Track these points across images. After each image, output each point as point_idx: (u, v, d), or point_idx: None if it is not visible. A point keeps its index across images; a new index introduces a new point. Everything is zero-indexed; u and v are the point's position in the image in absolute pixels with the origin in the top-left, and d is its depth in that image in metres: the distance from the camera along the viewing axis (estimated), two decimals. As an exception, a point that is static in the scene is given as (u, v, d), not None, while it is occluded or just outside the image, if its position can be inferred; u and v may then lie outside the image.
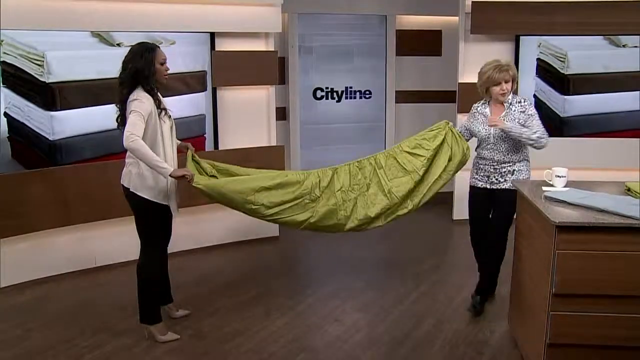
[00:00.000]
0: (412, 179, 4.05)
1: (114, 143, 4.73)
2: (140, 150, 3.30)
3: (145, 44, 3.53)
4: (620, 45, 5.82)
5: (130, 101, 3.39)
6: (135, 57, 3.44)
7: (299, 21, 6.44)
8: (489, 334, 3.82)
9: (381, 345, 3.69)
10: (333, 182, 4.03)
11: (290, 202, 3.91)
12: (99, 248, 4.92)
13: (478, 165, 4.14)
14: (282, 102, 6.41)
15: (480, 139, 4.08)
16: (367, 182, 4.08)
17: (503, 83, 3.91)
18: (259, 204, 3.82)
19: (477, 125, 4.08)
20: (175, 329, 3.84)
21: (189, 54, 5.03)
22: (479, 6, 5.69)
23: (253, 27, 5.20)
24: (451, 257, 5.41)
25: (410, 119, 6.98)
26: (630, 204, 3.05)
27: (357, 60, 6.78)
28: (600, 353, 3.05)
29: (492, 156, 4.02)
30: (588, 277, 2.93)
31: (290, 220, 3.95)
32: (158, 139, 3.49)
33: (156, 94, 3.50)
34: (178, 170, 3.45)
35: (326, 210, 3.97)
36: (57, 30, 4.39)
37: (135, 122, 3.31)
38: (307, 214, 3.95)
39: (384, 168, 4.09)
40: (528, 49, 5.91)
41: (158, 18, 4.76)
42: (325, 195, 4.00)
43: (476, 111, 4.13)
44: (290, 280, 4.75)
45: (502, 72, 3.90)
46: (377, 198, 4.05)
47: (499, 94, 3.94)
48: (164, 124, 3.54)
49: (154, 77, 3.47)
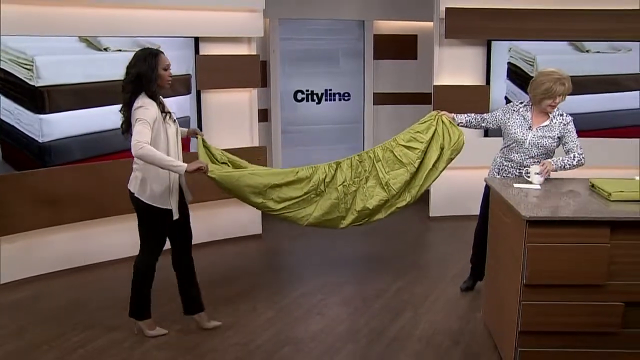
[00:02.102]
0: (408, 170, 4.13)
1: (102, 145, 4.88)
2: (149, 155, 3.31)
3: (149, 49, 3.55)
4: (584, 51, 6.12)
5: (135, 109, 3.41)
6: (138, 62, 3.44)
7: (280, 26, 6.58)
8: (464, 324, 4.01)
9: (362, 337, 3.85)
10: (336, 177, 4.13)
11: (299, 198, 4.03)
12: (89, 247, 5.01)
13: (502, 166, 4.11)
14: (264, 104, 6.55)
15: (512, 140, 4.02)
16: (366, 175, 4.16)
17: (557, 97, 3.84)
18: (268, 198, 3.93)
19: (514, 126, 4.00)
20: (164, 324, 3.94)
21: (174, 58, 5.03)
22: (453, 12, 5.90)
23: (236, 32, 5.34)
24: (428, 253, 5.61)
25: (388, 120, 7.17)
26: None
27: (336, 64, 6.96)
28: (566, 338, 3.26)
29: (521, 160, 4.01)
30: (555, 269, 3.13)
31: (295, 214, 4.05)
32: (163, 143, 3.50)
33: (159, 98, 3.53)
34: (192, 164, 3.44)
35: (329, 204, 4.09)
36: (46, 36, 4.50)
37: (142, 131, 3.33)
38: (311, 208, 4.07)
39: (382, 161, 4.16)
40: (499, 53, 6.15)
41: (144, 23, 4.88)
42: (329, 189, 4.11)
43: (516, 110, 4.05)
44: (274, 277, 4.89)
45: (563, 85, 3.81)
46: (375, 190, 4.15)
47: (548, 106, 3.88)
48: (169, 127, 3.56)
49: (156, 82, 3.47)
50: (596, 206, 3.26)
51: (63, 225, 4.79)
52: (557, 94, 3.82)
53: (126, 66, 3.51)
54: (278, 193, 3.97)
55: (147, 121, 3.36)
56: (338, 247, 5.58)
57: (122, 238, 5.12)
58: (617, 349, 3.27)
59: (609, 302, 3.18)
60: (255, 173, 3.93)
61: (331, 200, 4.11)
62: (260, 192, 3.91)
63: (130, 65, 3.48)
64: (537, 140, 3.94)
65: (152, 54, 3.49)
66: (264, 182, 3.92)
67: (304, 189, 4.04)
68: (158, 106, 3.49)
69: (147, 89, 3.45)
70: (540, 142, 3.93)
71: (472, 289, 4.46)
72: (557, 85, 3.81)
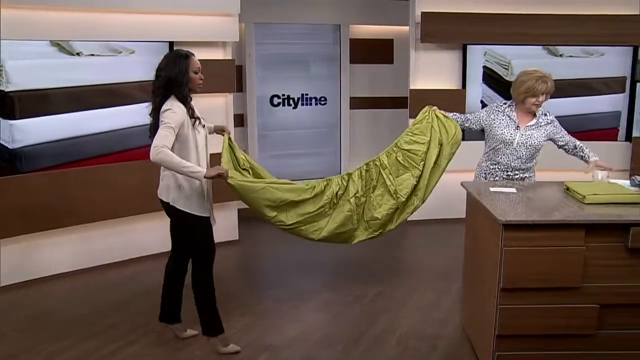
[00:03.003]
0: (413, 175, 4.02)
1: (74, 151, 4.80)
2: (167, 160, 3.18)
3: (180, 51, 3.44)
4: (558, 55, 6.19)
5: (162, 111, 3.29)
6: (169, 65, 3.34)
7: (256, 30, 6.56)
8: (442, 329, 4.00)
9: (339, 344, 3.82)
10: (348, 189, 4.03)
11: (313, 213, 3.93)
12: (61, 255, 4.93)
13: (489, 170, 4.07)
14: (240, 109, 6.51)
15: (498, 141, 3.99)
16: (374, 184, 4.06)
17: (540, 95, 3.85)
18: (282, 212, 3.84)
19: (501, 127, 3.97)
20: (138, 332, 3.90)
21: (148, 63, 5.05)
22: (429, 17, 5.93)
23: (211, 36, 5.31)
24: (405, 257, 5.61)
25: (364, 124, 7.18)
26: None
27: (312, 68, 6.94)
28: (542, 342, 3.27)
29: (509, 162, 3.98)
30: (532, 272, 3.13)
31: (308, 228, 3.95)
32: (192, 149, 3.39)
33: (189, 103, 3.41)
34: (212, 170, 3.32)
35: (342, 217, 3.99)
36: (16, 40, 4.40)
37: (164, 135, 3.20)
38: (324, 222, 3.97)
39: (388, 168, 4.06)
40: (475, 58, 6.19)
41: (118, 27, 4.82)
42: (342, 201, 4.01)
43: (501, 111, 4.02)
44: (251, 283, 4.85)
45: (545, 84, 3.82)
46: (383, 199, 4.04)
47: (532, 105, 3.88)
48: (198, 133, 3.44)
49: (187, 86, 3.36)
50: (571, 209, 3.28)
51: (35, 233, 4.70)
52: (539, 92, 3.83)
53: (156, 69, 3.40)
54: (294, 209, 3.88)
55: (171, 125, 3.24)
56: (315, 252, 5.54)
57: (95, 245, 5.08)
58: (593, 350, 3.29)
59: (584, 304, 3.20)
60: (276, 187, 3.81)
61: (344, 213, 4.01)
62: (276, 206, 3.82)
63: (160, 68, 3.38)
64: (525, 140, 3.92)
65: (183, 56, 3.38)
66: (283, 197, 3.82)
67: (317, 203, 3.94)
68: (188, 111, 3.37)
69: (178, 92, 3.34)
70: (528, 142, 3.92)
71: None
72: (539, 83, 3.82)
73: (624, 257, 3.16)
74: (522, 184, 3.87)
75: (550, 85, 3.85)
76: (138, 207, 5.11)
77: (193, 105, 3.45)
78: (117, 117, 4.99)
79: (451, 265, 4.98)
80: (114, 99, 4.94)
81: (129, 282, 4.76)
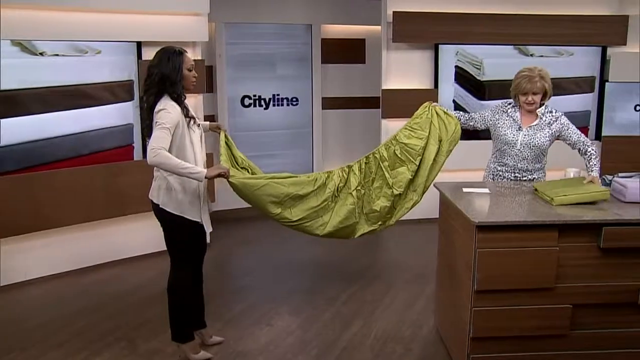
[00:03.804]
0: (409, 169, 3.93)
1: (40, 154, 4.67)
2: (165, 163, 3.10)
3: (172, 47, 3.32)
4: (529, 55, 6.23)
5: (156, 111, 3.19)
6: (162, 62, 3.23)
7: (226, 30, 6.47)
8: (416, 331, 3.98)
9: (312, 348, 3.77)
10: (350, 181, 3.95)
11: (317, 207, 3.84)
12: (26, 262, 4.79)
13: (496, 172, 3.98)
14: (211, 110, 6.42)
15: (503, 142, 3.90)
16: (372, 177, 3.99)
17: (530, 94, 3.74)
18: (286, 208, 3.75)
19: (504, 127, 3.88)
20: (106, 340, 3.82)
21: (115, 63, 4.99)
22: (400, 16, 5.92)
23: (180, 36, 5.20)
24: (378, 258, 5.57)
25: (337, 124, 7.15)
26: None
27: (283, 68, 6.86)
28: (517, 343, 3.26)
29: (515, 163, 3.89)
30: (506, 273, 3.12)
31: (312, 224, 3.86)
32: (188, 149, 3.30)
33: (183, 102, 3.31)
34: (212, 170, 3.26)
35: (345, 211, 3.91)
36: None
37: (160, 136, 3.11)
38: (327, 216, 3.88)
39: (387, 160, 3.98)
40: (447, 57, 6.19)
41: (83, 27, 4.70)
42: (343, 194, 3.94)
43: (505, 111, 3.93)
44: (222, 287, 4.77)
45: (531, 82, 3.72)
46: (381, 191, 3.98)
47: (524, 104, 3.80)
48: (194, 133, 3.35)
49: (181, 84, 3.27)
50: (545, 210, 3.27)
51: (3, 239, 4.57)
52: (525, 90, 3.74)
53: (147, 67, 3.29)
54: (298, 204, 3.79)
55: (167, 126, 3.14)
56: (287, 254, 5.51)
57: (67, 251, 4.99)
58: (567, 350, 3.29)
59: (557, 305, 3.20)
60: (278, 182, 3.72)
61: (347, 207, 3.92)
62: (280, 201, 3.73)
63: (153, 65, 3.26)
64: (528, 140, 3.81)
65: (176, 53, 3.27)
66: (286, 191, 3.72)
67: (321, 197, 3.86)
68: (182, 110, 3.28)
69: (172, 91, 3.24)
70: (532, 142, 3.80)
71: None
72: (524, 81, 3.74)
73: (597, 257, 3.17)
74: (495, 185, 3.85)
75: (539, 85, 3.71)
76: (109, 211, 5.03)
77: (187, 104, 3.36)
78: (84, 119, 4.85)
79: (425, 266, 4.96)
80: (80, 101, 4.81)
81: (100, 287, 4.67)
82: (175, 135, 3.21)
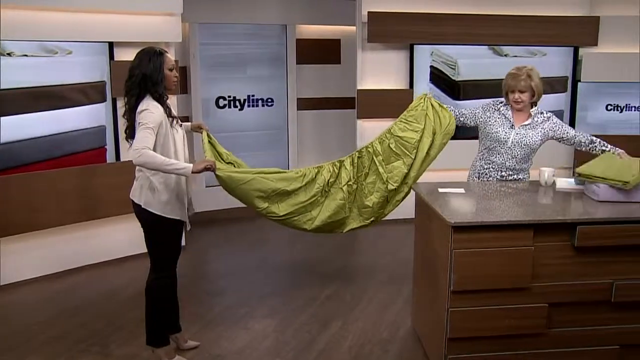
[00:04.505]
0: (405, 163, 3.90)
1: (11, 157, 4.56)
2: (150, 162, 3.08)
3: (153, 48, 3.30)
4: (503, 55, 6.28)
5: (139, 112, 3.17)
6: (143, 62, 3.22)
7: (200, 31, 6.40)
8: (394, 332, 3.97)
9: (290, 350, 3.74)
10: (340, 176, 3.91)
11: (305, 202, 3.81)
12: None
13: (483, 170, 3.96)
14: (185, 111, 6.34)
15: (493, 140, 3.87)
16: (365, 172, 3.95)
17: (517, 92, 3.76)
18: (274, 202, 3.71)
19: (495, 125, 3.86)
20: (81, 345, 3.75)
21: (86, 64, 4.90)
22: (375, 16, 5.92)
23: (153, 36, 5.10)
24: (357, 258, 5.57)
25: (312, 125, 7.12)
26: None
27: (258, 69, 6.81)
28: (494, 343, 3.26)
29: (504, 162, 3.87)
30: (482, 274, 3.12)
31: (300, 218, 3.82)
32: (171, 150, 3.28)
33: (166, 102, 3.29)
34: (199, 164, 3.26)
35: (335, 206, 3.87)
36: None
37: (144, 136, 3.09)
38: (316, 211, 3.85)
39: (381, 155, 3.93)
40: (422, 57, 6.21)
41: (53, 27, 4.60)
42: (334, 189, 3.89)
43: (496, 109, 3.90)
44: (197, 290, 4.72)
45: (515, 80, 3.75)
46: (375, 186, 3.93)
47: (512, 102, 3.80)
48: (177, 133, 3.34)
49: (163, 84, 3.25)
50: (520, 209, 3.28)
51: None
52: (511, 88, 3.76)
53: (129, 68, 3.26)
54: (286, 199, 3.76)
55: (150, 126, 3.12)
56: (263, 255, 5.47)
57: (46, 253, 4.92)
58: (544, 349, 3.31)
59: (534, 304, 3.21)
60: (266, 177, 3.69)
61: (336, 202, 3.89)
62: (267, 196, 3.69)
63: (134, 66, 3.24)
64: (520, 139, 3.80)
65: (157, 54, 3.26)
66: (274, 187, 3.69)
67: (309, 192, 3.82)
68: (165, 110, 3.25)
69: (154, 91, 3.22)
70: (523, 141, 3.80)
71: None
72: (509, 79, 3.78)
73: (571, 256, 3.20)
74: (470, 185, 3.86)
75: (523, 83, 3.73)
76: (83, 214, 4.95)
77: (169, 104, 3.33)
78: (55, 121, 4.75)
79: (402, 267, 4.96)
80: (51, 102, 4.70)
81: (75, 292, 4.58)
82: (158, 135, 3.20)
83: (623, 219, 3.17)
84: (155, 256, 3.45)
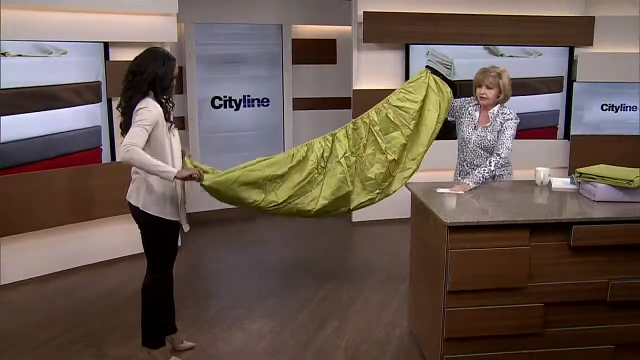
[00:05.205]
0: (403, 133, 3.84)
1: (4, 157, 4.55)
2: (136, 159, 3.02)
3: (166, 50, 3.28)
4: (498, 55, 6.29)
5: (137, 109, 3.11)
6: (157, 63, 3.17)
7: (196, 31, 6.39)
8: (390, 332, 3.97)
9: (286, 351, 3.74)
10: (335, 149, 3.83)
11: (302, 182, 3.73)
12: None
13: (463, 168, 4.03)
14: (181, 111, 6.34)
15: (461, 137, 3.98)
16: (364, 143, 3.88)
17: (483, 87, 3.83)
18: (269, 191, 3.65)
19: (463, 124, 3.96)
20: (74, 348, 3.73)
21: (82, 64, 4.88)
22: (371, 16, 5.91)
23: (148, 36, 5.10)
24: (352, 258, 5.58)
25: (308, 125, 7.10)
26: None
27: (254, 69, 6.80)
28: (490, 343, 3.26)
29: (472, 160, 3.95)
30: (478, 274, 3.12)
31: (302, 201, 3.75)
32: (167, 151, 3.24)
33: (167, 105, 3.25)
34: (184, 171, 3.19)
35: (336, 181, 3.79)
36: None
37: (136, 133, 3.04)
38: (317, 190, 3.78)
39: (378, 125, 3.86)
40: (417, 57, 6.20)
41: (48, 26, 4.58)
42: (331, 164, 3.82)
43: (467, 109, 3.98)
44: (193, 291, 4.70)
45: (484, 74, 3.83)
46: (375, 157, 3.88)
47: (479, 96, 3.87)
48: (173, 137, 3.31)
49: (170, 90, 3.24)
50: (517, 209, 3.28)
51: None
52: (479, 82, 3.85)
53: (136, 63, 3.20)
54: (281, 184, 3.68)
55: (145, 124, 3.07)
56: (259, 256, 5.46)
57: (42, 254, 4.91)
58: (540, 349, 3.31)
59: (530, 304, 3.21)
60: (252, 169, 3.61)
61: (337, 176, 3.80)
62: (260, 187, 3.62)
63: (144, 63, 3.17)
64: (480, 141, 3.88)
65: (170, 58, 3.24)
66: (263, 175, 3.62)
67: (304, 171, 3.74)
68: (164, 113, 3.22)
69: (161, 93, 3.19)
70: (482, 143, 3.87)
71: None
72: (479, 74, 3.87)
73: (567, 255, 3.20)
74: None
75: (491, 79, 3.80)
76: (78, 215, 4.93)
77: (170, 109, 3.29)
78: (50, 121, 4.73)
79: (398, 267, 4.95)
80: (46, 103, 4.68)
81: (70, 293, 4.57)
82: (154, 137, 3.16)
83: (619, 218, 3.18)
84: (151, 257, 3.43)
